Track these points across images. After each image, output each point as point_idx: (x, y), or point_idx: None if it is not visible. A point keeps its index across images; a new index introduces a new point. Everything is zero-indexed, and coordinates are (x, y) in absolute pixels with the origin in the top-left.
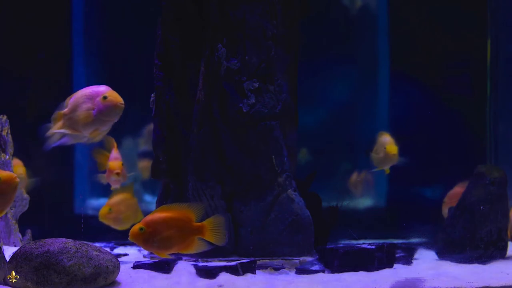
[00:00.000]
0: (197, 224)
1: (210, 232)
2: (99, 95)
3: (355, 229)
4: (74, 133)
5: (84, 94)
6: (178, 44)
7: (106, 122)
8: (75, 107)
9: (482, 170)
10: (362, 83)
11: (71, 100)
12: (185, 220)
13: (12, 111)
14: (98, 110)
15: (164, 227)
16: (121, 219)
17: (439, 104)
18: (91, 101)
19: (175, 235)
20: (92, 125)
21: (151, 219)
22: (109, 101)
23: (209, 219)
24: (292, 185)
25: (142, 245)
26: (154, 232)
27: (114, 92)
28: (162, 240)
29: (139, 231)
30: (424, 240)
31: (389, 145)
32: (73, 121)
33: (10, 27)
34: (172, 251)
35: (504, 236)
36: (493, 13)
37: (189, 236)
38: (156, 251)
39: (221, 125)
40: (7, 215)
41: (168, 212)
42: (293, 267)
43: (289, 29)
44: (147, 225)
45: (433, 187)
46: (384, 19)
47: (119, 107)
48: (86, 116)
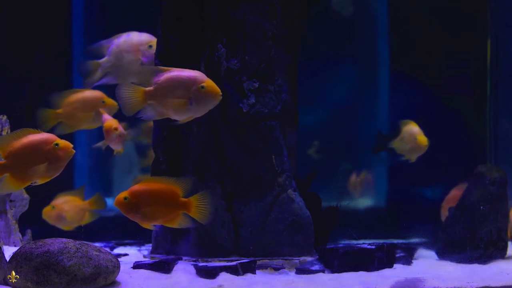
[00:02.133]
0: (183, 200)
1: (195, 208)
2: (196, 83)
3: (355, 229)
4: (164, 116)
5: (178, 78)
6: (178, 44)
7: (200, 112)
8: (166, 89)
9: (482, 170)
10: (362, 83)
11: (162, 78)
12: (172, 195)
13: (12, 111)
14: (195, 100)
15: (149, 199)
16: (65, 218)
17: (439, 104)
18: (186, 88)
19: (159, 208)
20: (186, 113)
21: (136, 190)
22: (206, 93)
23: (195, 196)
24: (292, 185)
25: (125, 214)
26: (138, 203)
27: (211, 81)
28: (146, 212)
29: (124, 200)
30: (424, 240)
31: (419, 136)
32: (162, 104)
33: (10, 27)
34: (155, 223)
35: (504, 236)
36: (493, 13)
37: (174, 210)
38: (139, 221)
39: (221, 125)
40: (7, 215)
41: (155, 185)
42: (293, 267)
43: (289, 29)
44: (131, 195)
45: (433, 187)
46: (384, 19)
47: (217, 98)
48: (181, 105)
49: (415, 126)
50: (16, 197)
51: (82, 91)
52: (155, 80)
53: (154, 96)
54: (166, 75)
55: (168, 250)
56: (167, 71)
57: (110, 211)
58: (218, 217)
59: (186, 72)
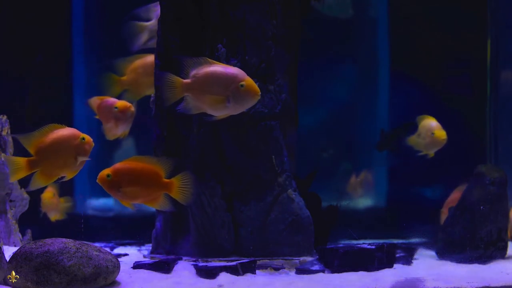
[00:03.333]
0: (166, 181)
1: (177, 189)
2: (236, 82)
3: (355, 229)
4: (200, 111)
5: (217, 74)
6: (178, 44)
7: (237, 110)
8: (204, 84)
9: (482, 170)
10: (362, 83)
11: (201, 72)
12: (154, 175)
13: (12, 111)
14: (233, 98)
15: (131, 178)
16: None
17: (439, 104)
18: (224, 86)
19: (141, 188)
20: (223, 110)
21: (118, 168)
22: (245, 91)
23: (177, 176)
24: (292, 185)
25: (108, 191)
26: (119, 181)
27: (250, 80)
28: (128, 191)
29: (106, 177)
30: (424, 240)
31: (437, 130)
32: (199, 98)
33: (10, 27)
34: (137, 202)
35: (504, 236)
36: (493, 13)
37: (156, 191)
38: (120, 199)
39: (221, 125)
40: (7, 215)
41: (138, 164)
42: (293, 267)
43: (289, 29)
44: (113, 173)
45: (433, 187)
46: (384, 19)
47: (255, 98)
48: (218, 102)
49: (432, 121)
50: (16, 197)
51: (142, 57)
52: (194, 72)
53: (191, 89)
54: (206, 69)
55: (168, 250)
56: (209, 65)
57: (110, 211)
58: (218, 217)
59: (227, 69)
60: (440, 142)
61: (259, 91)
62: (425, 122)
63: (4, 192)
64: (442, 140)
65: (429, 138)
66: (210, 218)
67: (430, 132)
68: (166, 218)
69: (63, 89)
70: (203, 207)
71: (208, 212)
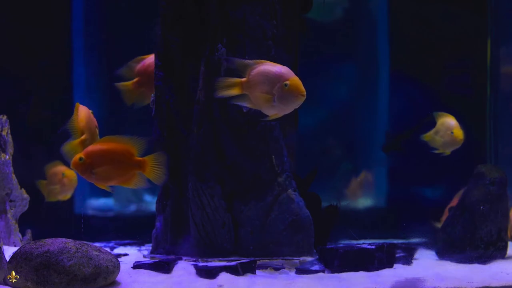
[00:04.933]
0: (138, 159)
1: (150, 168)
2: (281, 80)
3: (355, 229)
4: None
5: (266, 73)
6: (178, 44)
7: (284, 111)
8: (255, 82)
9: (482, 170)
10: (362, 83)
11: (254, 71)
12: (126, 154)
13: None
14: (278, 97)
15: (104, 159)
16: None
17: (439, 104)
18: (271, 84)
19: (115, 168)
20: (271, 109)
21: (91, 150)
22: (289, 91)
23: (150, 155)
24: (292, 185)
25: (82, 175)
26: (93, 163)
27: (296, 79)
28: (101, 172)
29: (79, 161)
30: (424, 240)
31: (456, 129)
32: (253, 97)
33: (10, 28)
34: (111, 183)
35: (504, 236)
36: (493, 13)
37: (129, 170)
38: (95, 182)
39: (221, 125)
40: (7, 215)
41: (109, 144)
42: (293, 267)
43: (289, 29)
44: (86, 156)
45: (433, 187)
46: (384, 19)
47: (299, 98)
48: (266, 100)
49: (451, 119)
50: (16, 197)
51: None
52: (250, 71)
53: (246, 88)
54: (258, 68)
55: (168, 250)
56: (261, 64)
57: (110, 211)
58: (218, 217)
59: (275, 68)
60: (458, 141)
61: (304, 91)
62: (444, 120)
63: (4, 192)
64: (460, 140)
65: (448, 136)
66: (210, 218)
67: (449, 130)
68: (166, 218)
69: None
70: (203, 207)
71: (208, 212)
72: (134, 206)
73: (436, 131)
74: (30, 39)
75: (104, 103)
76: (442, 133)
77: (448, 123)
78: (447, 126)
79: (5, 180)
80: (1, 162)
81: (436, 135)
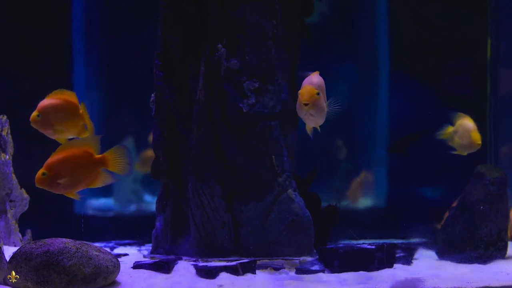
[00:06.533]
0: (98, 156)
1: (112, 162)
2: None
3: (355, 229)
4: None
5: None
6: (178, 44)
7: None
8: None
9: (482, 170)
10: (362, 83)
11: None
12: (85, 156)
13: (12, 111)
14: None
15: (66, 167)
16: None
17: (439, 104)
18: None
19: (78, 172)
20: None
21: (51, 162)
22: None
23: (109, 150)
24: (292, 185)
25: (49, 189)
26: (56, 175)
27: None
28: (67, 181)
29: (43, 176)
30: (424, 240)
31: (474, 132)
32: None
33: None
34: (80, 188)
35: (504, 236)
36: (493, 13)
37: (93, 169)
38: (64, 192)
39: (221, 125)
40: (7, 215)
41: (67, 151)
42: (293, 267)
43: (289, 29)
44: (48, 169)
45: (433, 187)
46: (384, 19)
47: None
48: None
49: (470, 122)
50: (16, 197)
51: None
52: None
53: None
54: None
55: (168, 250)
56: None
57: (110, 211)
58: (218, 217)
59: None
60: (475, 145)
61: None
62: (463, 122)
63: (4, 192)
64: (477, 144)
65: (466, 139)
66: (210, 218)
67: (468, 133)
68: (166, 218)
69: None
70: (203, 207)
71: (208, 212)
72: (134, 206)
73: (455, 131)
74: (30, 39)
75: (104, 103)
76: (460, 134)
77: (466, 125)
78: (465, 128)
79: (5, 180)
80: (1, 162)
81: (454, 136)
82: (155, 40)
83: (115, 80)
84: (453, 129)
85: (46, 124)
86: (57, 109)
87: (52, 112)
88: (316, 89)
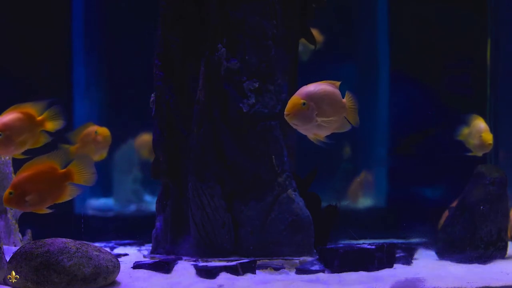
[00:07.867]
0: (62, 171)
1: (77, 174)
2: None
3: (355, 229)
4: None
5: None
6: (178, 44)
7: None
8: None
9: (482, 170)
10: (362, 83)
11: None
12: (50, 171)
13: None
14: None
15: (31, 184)
16: None
17: (439, 104)
18: None
19: (44, 188)
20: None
21: (17, 181)
22: None
23: (73, 162)
24: (292, 185)
25: (17, 208)
26: (23, 193)
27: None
28: (34, 198)
29: (10, 196)
30: (424, 240)
31: (485, 133)
32: None
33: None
34: (48, 203)
35: (504, 236)
36: (493, 13)
37: (59, 184)
38: (33, 210)
39: (221, 125)
40: (7, 215)
41: (31, 169)
42: (293, 267)
43: (289, 29)
44: (14, 188)
45: (433, 187)
46: (384, 19)
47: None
48: None
49: (482, 122)
50: None
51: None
52: None
53: None
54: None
55: (168, 250)
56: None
57: (110, 211)
58: (218, 217)
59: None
60: (486, 146)
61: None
62: (476, 123)
63: (4, 192)
64: (488, 145)
65: (477, 140)
66: (210, 218)
67: (479, 134)
68: (166, 218)
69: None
70: (203, 207)
71: (208, 212)
72: (134, 206)
73: (470, 132)
74: (30, 39)
75: (104, 103)
76: (473, 135)
77: (478, 126)
78: (477, 129)
79: (5, 180)
80: (1, 162)
81: (469, 136)
82: (155, 40)
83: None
84: (468, 130)
85: (9, 142)
86: (18, 122)
87: (14, 127)
88: (304, 99)
